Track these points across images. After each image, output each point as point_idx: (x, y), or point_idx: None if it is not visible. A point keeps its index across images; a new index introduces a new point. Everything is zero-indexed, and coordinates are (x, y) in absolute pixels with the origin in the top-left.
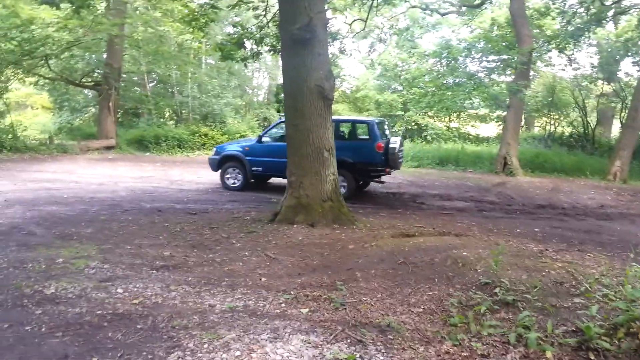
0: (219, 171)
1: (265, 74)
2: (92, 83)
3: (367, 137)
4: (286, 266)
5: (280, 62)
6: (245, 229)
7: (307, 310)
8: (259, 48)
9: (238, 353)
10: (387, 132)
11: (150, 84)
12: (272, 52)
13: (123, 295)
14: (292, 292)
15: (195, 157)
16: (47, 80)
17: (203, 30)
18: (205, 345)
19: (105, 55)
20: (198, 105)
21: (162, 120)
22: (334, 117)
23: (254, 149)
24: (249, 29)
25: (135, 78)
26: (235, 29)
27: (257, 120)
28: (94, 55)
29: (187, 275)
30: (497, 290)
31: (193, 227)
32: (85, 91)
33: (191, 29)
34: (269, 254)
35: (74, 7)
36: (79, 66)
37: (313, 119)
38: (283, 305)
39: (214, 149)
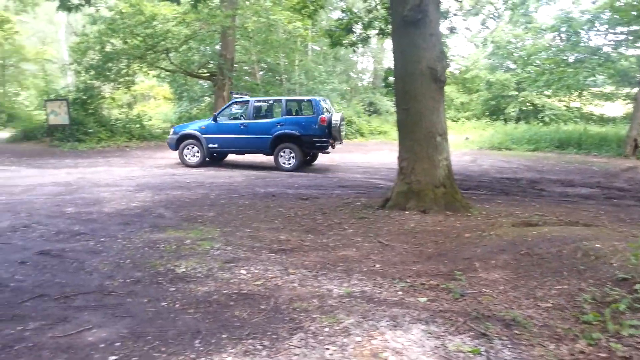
0: (178, 150)
1: (370, 58)
2: (208, 74)
3: (312, 112)
4: (400, 253)
5: (385, 46)
6: (357, 215)
7: (425, 299)
8: (368, 32)
9: (358, 339)
10: (330, 108)
11: (260, 73)
12: (380, 36)
13: (246, 277)
14: (407, 280)
15: None
16: (167, 73)
17: (312, 17)
18: (326, 329)
19: (218, 47)
20: (305, 91)
21: None
22: (282, 97)
23: (210, 128)
24: (358, 13)
25: (245, 67)
26: (343, 14)
27: (363, 105)
28: (208, 47)
29: (304, 259)
30: (637, 286)
31: (306, 212)
32: (201, 81)
33: (301, 17)
34: (382, 240)
35: (192, 2)
36: (196, 58)
37: (425, 102)
38: (400, 292)
39: (172, 129)
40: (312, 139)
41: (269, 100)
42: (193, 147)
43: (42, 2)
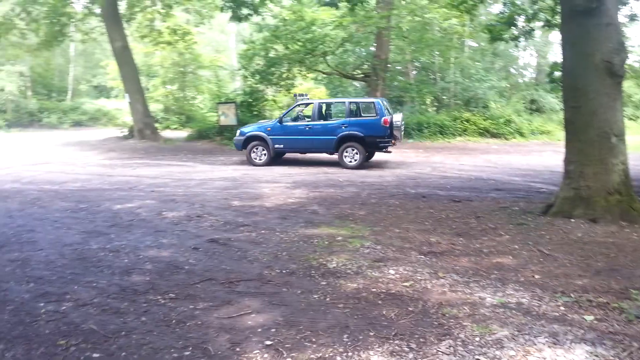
0: (246, 150)
1: (533, 52)
2: (362, 75)
3: (374, 114)
4: (563, 265)
5: (551, 38)
6: (514, 221)
7: (591, 317)
8: (532, 25)
9: (512, 353)
10: (389, 109)
11: (413, 72)
12: (546, 28)
13: (394, 277)
14: (571, 295)
15: (455, 144)
16: (324, 75)
17: (471, 12)
18: (477, 339)
19: (373, 48)
20: (460, 90)
21: (423, 107)
22: (345, 99)
23: (276, 129)
24: (521, 5)
25: (399, 67)
26: (504, 6)
27: (524, 103)
28: (363, 49)
29: (454, 263)
30: None
31: (458, 214)
32: (355, 83)
33: (458, 13)
34: (542, 249)
35: (349, 6)
36: (351, 60)
37: (598, 99)
38: (562, 308)
39: (238, 131)
40: (375, 139)
41: (332, 101)
42: (260, 148)
43: (217, 14)
